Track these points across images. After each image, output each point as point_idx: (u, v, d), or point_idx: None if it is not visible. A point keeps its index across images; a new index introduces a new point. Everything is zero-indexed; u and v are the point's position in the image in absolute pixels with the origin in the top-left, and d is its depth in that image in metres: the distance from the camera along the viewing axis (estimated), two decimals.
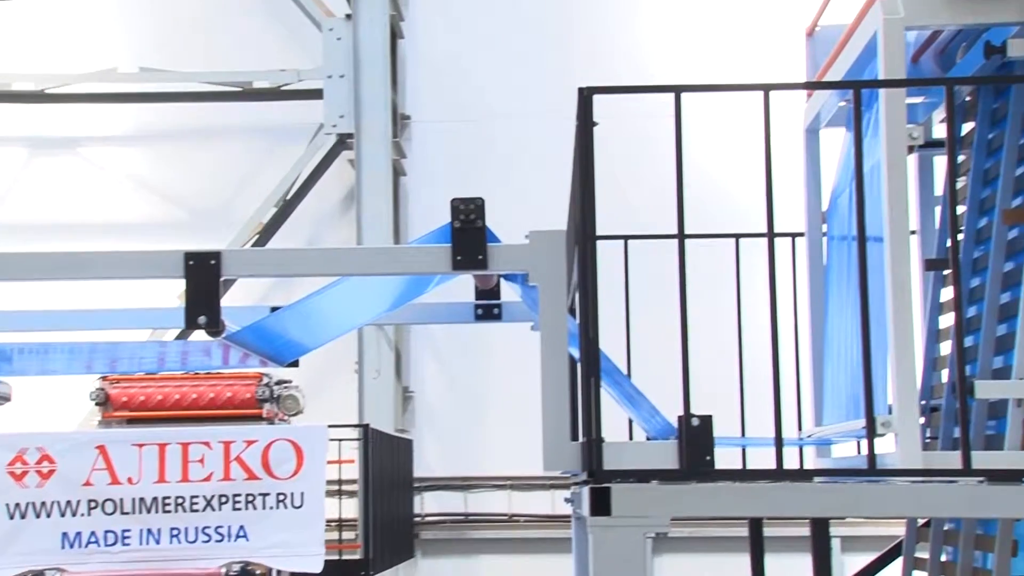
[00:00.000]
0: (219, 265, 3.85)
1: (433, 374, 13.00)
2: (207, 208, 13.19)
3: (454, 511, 12.81)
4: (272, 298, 11.32)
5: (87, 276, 4.00)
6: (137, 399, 9.01)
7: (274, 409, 8.99)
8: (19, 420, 7.71)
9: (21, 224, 13.11)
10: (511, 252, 3.92)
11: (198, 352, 4.86)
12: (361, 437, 9.04)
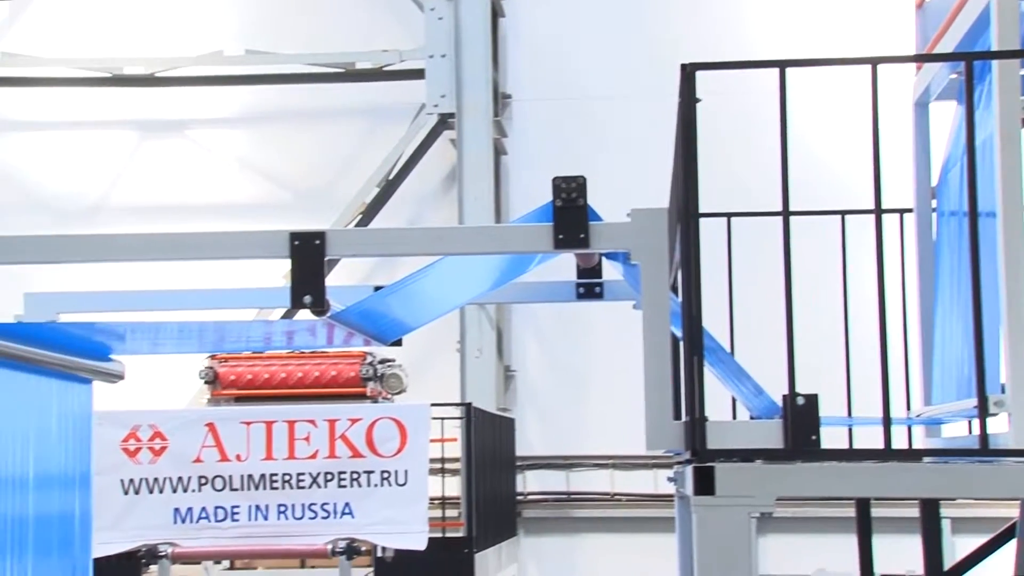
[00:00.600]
0: (324, 245, 3.88)
1: (534, 353, 13.02)
2: (311, 189, 13.34)
3: (556, 490, 12.84)
4: (375, 278, 11.42)
5: (195, 256, 4.06)
6: (245, 378, 9.16)
7: (378, 388, 9.07)
8: (132, 398, 7.85)
9: (132, 206, 13.39)
10: (613, 230, 3.90)
11: (303, 331, 4.91)
12: (464, 416, 9.09)
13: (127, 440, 8.25)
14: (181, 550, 8.17)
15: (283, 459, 8.26)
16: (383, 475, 8.25)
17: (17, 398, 4.23)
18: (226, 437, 8.29)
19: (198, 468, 8.25)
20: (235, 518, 8.22)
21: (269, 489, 8.24)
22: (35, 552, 4.39)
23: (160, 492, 8.22)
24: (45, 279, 8.48)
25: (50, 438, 4.54)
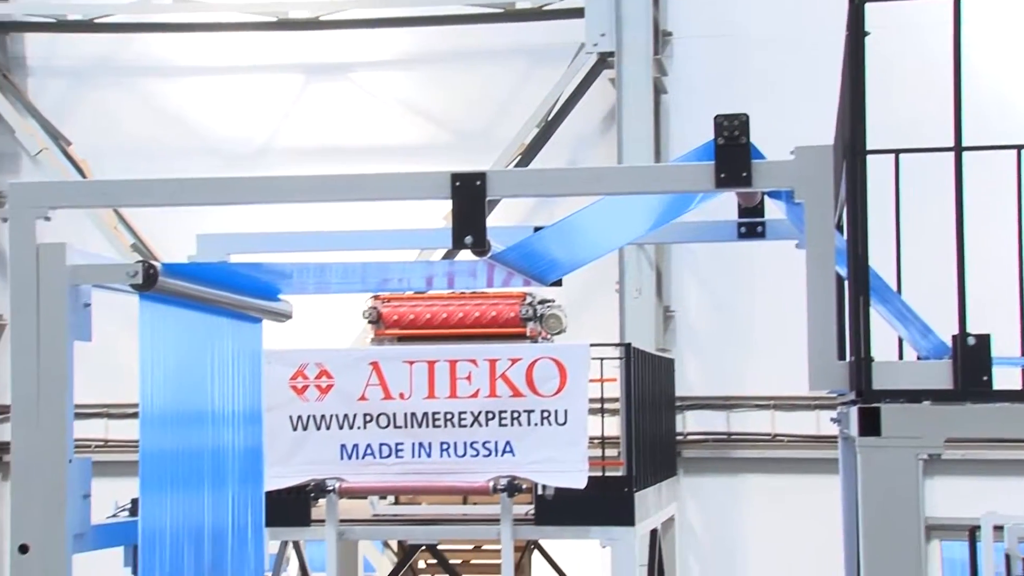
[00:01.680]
0: (485, 186, 3.91)
1: (694, 293, 12.92)
2: (471, 130, 13.41)
3: (716, 430, 12.78)
4: (534, 218, 11.46)
5: (359, 198, 4.13)
6: (407, 317, 9.30)
7: (537, 328, 9.12)
8: (299, 337, 8.05)
9: (297, 148, 13.67)
10: (776, 168, 3.83)
11: (464, 272, 4.97)
12: (623, 356, 9.08)
13: (295, 378, 8.46)
14: (348, 485, 8.37)
15: (445, 398, 8.38)
16: (543, 414, 8.31)
17: (192, 336, 4.38)
18: (390, 376, 8.44)
19: (363, 406, 8.42)
20: (399, 455, 8.38)
21: (432, 427, 8.37)
22: (212, 485, 4.56)
23: (327, 429, 8.43)
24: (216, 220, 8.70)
25: (223, 376, 4.69)
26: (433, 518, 9.00)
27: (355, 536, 9.12)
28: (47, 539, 3.86)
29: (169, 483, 4.22)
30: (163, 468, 4.18)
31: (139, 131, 13.85)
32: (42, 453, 3.87)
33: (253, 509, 4.88)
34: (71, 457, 3.89)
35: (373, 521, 9.05)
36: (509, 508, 8.31)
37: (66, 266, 3.86)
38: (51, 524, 3.87)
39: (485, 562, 10.38)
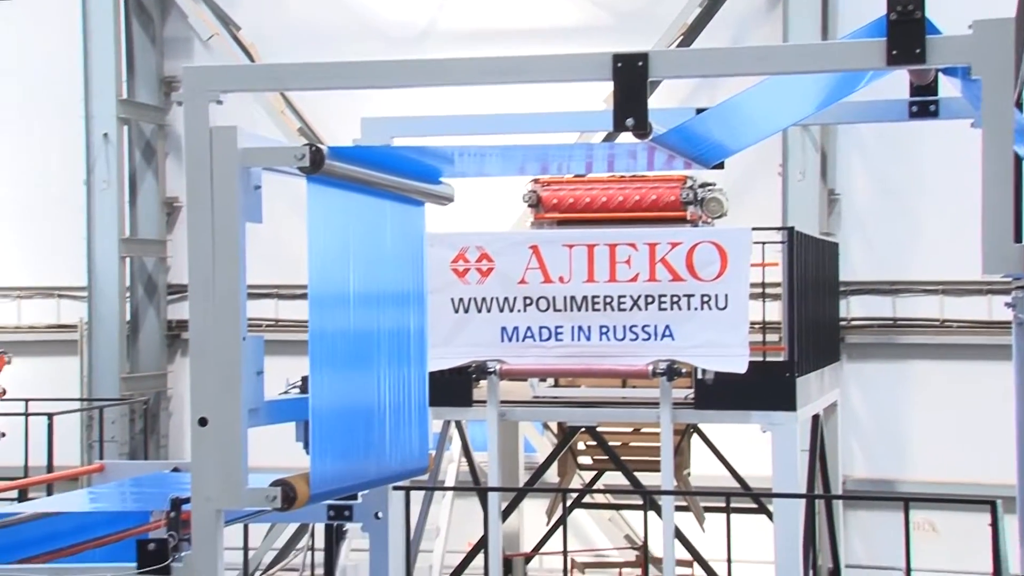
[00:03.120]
0: (647, 66, 3.85)
1: (861, 175, 12.61)
2: (632, 10, 13.20)
3: (881, 316, 12.56)
4: (696, 100, 11.28)
5: (520, 80, 4.11)
6: (566, 201, 9.30)
7: (698, 212, 9.03)
8: (460, 220, 8.13)
9: (459, 31, 13.66)
10: (952, 44, 3.68)
11: (624, 155, 4.93)
12: (785, 240, 8.94)
13: (456, 261, 8.56)
14: (508, 367, 8.49)
15: (604, 281, 8.39)
16: (703, 298, 8.27)
17: (357, 219, 4.45)
18: (549, 259, 8.48)
19: (523, 289, 8.49)
20: (559, 338, 8.45)
21: (591, 310, 8.40)
22: (378, 365, 4.67)
23: (488, 311, 8.53)
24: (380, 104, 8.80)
25: (387, 258, 4.77)
26: (592, 401, 9.09)
27: (515, 417, 9.27)
28: (224, 413, 4.02)
29: (337, 362, 4.34)
30: (331, 348, 4.29)
31: (305, 15, 14.01)
32: (218, 331, 4.01)
33: (417, 389, 4.99)
34: (244, 335, 4.02)
35: (533, 403, 9.18)
36: (668, 392, 8.33)
37: (237, 149, 3.95)
38: (227, 399, 4.02)
39: (644, 444, 10.46)
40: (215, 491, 4.01)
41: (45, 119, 14.73)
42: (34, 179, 14.93)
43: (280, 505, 4.05)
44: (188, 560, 4.03)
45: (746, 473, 10.58)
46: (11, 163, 14.99)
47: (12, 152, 15.01)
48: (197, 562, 4.01)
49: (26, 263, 15.13)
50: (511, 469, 10.52)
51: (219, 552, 4.03)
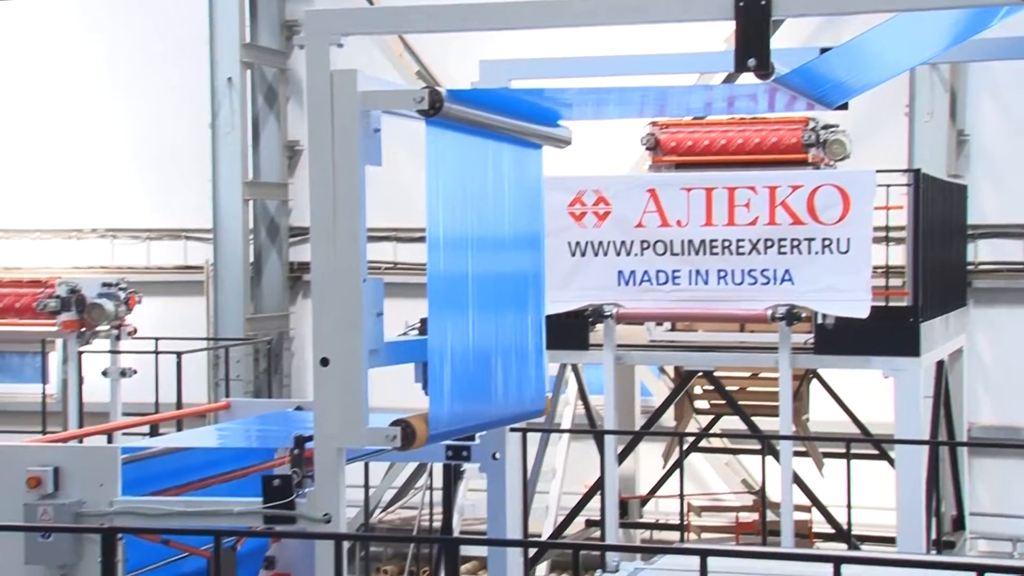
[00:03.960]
0: (770, 5, 3.78)
1: (992, 115, 12.25)
2: None
3: (1011, 259, 12.24)
4: (820, 39, 11.05)
5: (640, 20, 4.07)
6: (685, 144, 9.20)
7: (820, 154, 8.87)
8: (577, 164, 8.10)
9: None
10: None
11: (745, 96, 4.86)
12: (911, 182, 8.73)
13: (573, 204, 8.54)
14: (625, 311, 8.47)
15: (723, 225, 8.30)
16: (824, 242, 8.13)
17: (475, 162, 4.47)
18: (667, 203, 8.41)
19: (640, 232, 8.44)
20: (676, 282, 8.39)
21: (709, 254, 8.33)
22: (496, 308, 4.70)
23: (604, 255, 8.50)
24: (498, 47, 8.79)
25: (505, 201, 4.78)
26: (710, 345, 9.03)
27: (632, 361, 9.26)
28: (345, 353, 4.09)
29: (455, 305, 4.37)
30: (449, 290, 4.33)
31: None
32: (339, 273, 4.07)
33: (534, 332, 5.01)
34: (364, 277, 4.08)
35: (650, 346, 9.16)
36: (787, 336, 8.24)
37: (357, 92, 3.98)
38: (348, 339, 4.09)
39: (762, 390, 10.37)
40: (337, 430, 4.09)
41: (171, 64, 15.01)
42: (161, 123, 15.25)
43: (400, 444, 4.11)
44: (311, 496, 4.12)
45: (867, 419, 10.44)
46: (139, 108, 15.33)
47: (140, 97, 15.33)
48: (320, 498, 4.10)
49: (154, 205, 15.49)
50: (627, 412, 10.52)
51: (341, 489, 4.12)
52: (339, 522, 4.09)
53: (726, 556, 3.85)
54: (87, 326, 9.21)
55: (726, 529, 10.47)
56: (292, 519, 4.12)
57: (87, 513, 4.20)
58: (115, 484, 4.24)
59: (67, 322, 9.07)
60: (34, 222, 15.96)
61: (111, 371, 9.83)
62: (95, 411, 9.65)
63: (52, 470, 4.22)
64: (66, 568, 4.15)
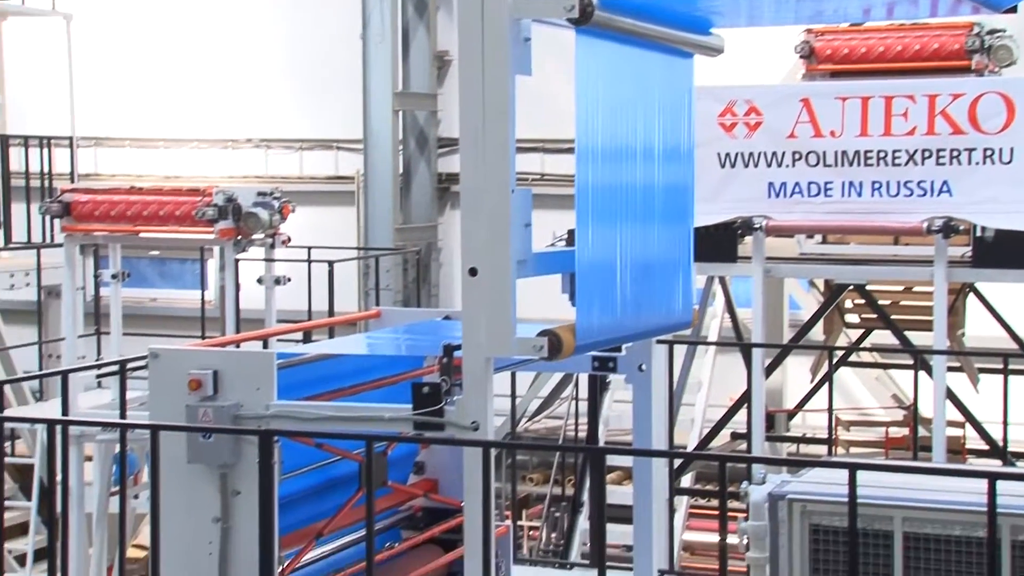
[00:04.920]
0: None
1: None
2: None
3: None
4: None
5: None
6: (841, 51, 8.96)
7: (984, 60, 8.56)
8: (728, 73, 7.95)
9: None
10: None
11: (905, 1, 4.70)
12: None
13: (723, 115, 8.41)
14: (774, 223, 8.35)
15: (879, 135, 8.10)
16: (986, 152, 7.88)
17: (625, 72, 4.42)
18: (821, 112, 8.23)
19: (792, 143, 8.29)
20: (828, 194, 8.24)
21: (863, 166, 8.14)
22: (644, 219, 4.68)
23: (755, 166, 8.37)
24: None
25: (655, 111, 4.73)
26: (862, 258, 8.86)
27: (781, 274, 9.14)
28: (493, 263, 4.12)
29: (603, 216, 4.36)
30: (598, 201, 4.31)
31: None
32: (487, 183, 4.08)
33: (682, 244, 4.98)
34: (513, 187, 4.09)
35: (800, 259, 9.02)
36: (944, 249, 8.04)
37: (508, 0, 3.96)
38: (497, 250, 4.11)
39: (915, 304, 10.16)
40: (485, 339, 4.14)
41: None
42: (313, 34, 15.42)
43: (547, 355, 4.14)
44: (460, 404, 4.19)
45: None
46: (292, 19, 15.52)
47: (293, 8, 15.51)
48: (468, 406, 4.16)
49: (306, 116, 15.73)
50: (775, 326, 10.42)
51: (489, 398, 4.17)
52: (487, 430, 4.15)
53: (876, 470, 3.81)
54: (243, 234, 9.42)
55: (875, 444, 10.35)
56: (441, 426, 4.20)
57: (245, 415, 4.33)
58: (271, 388, 4.36)
59: (224, 230, 9.29)
60: (192, 132, 16.37)
61: (266, 279, 10.07)
62: (251, 318, 9.92)
63: (212, 373, 4.36)
64: (226, 467, 4.31)
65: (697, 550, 11.69)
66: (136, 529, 11.55)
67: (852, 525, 3.56)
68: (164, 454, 4.26)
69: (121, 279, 9.96)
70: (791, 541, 3.69)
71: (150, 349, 4.48)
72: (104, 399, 9.65)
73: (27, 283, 12.35)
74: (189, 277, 16.39)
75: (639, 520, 5.38)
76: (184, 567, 4.33)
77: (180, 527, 4.35)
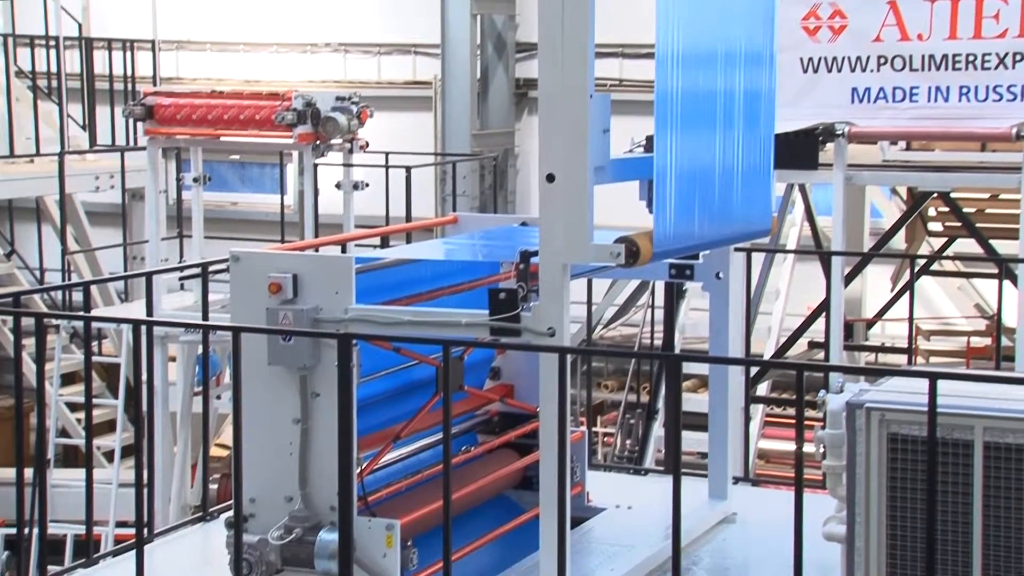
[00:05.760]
0: None
1: None
2: None
3: None
4: None
5: None
6: None
7: None
8: None
9: None
10: None
11: None
12: None
13: (807, 18, 8.26)
14: (858, 129, 8.22)
15: (968, 38, 7.91)
16: None
17: None
18: (908, 15, 8.04)
19: (877, 47, 8.12)
20: (913, 99, 8.08)
21: (951, 70, 7.97)
22: (724, 125, 4.62)
23: (838, 71, 8.23)
24: None
25: (736, 16, 4.65)
26: (947, 165, 8.71)
27: (863, 181, 9.01)
28: (571, 170, 4.10)
29: (682, 121, 4.31)
30: (677, 107, 4.26)
31: None
32: (566, 88, 4.05)
33: (762, 151, 4.92)
34: (592, 93, 4.05)
35: (882, 166, 8.89)
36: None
37: None
38: (574, 156, 4.09)
39: (1002, 212, 9.98)
40: (562, 246, 4.13)
41: None
42: None
43: (623, 261, 4.13)
44: (536, 310, 4.21)
45: None
46: None
47: None
48: (544, 312, 4.18)
49: (384, 20, 15.67)
50: (855, 234, 10.29)
51: (565, 304, 4.18)
52: (563, 336, 4.16)
53: (957, 379, 3.76)
54: (321, 139, 9.46)
55: (956, 354, 10.26)
56: (517, 332, 4.22)
57: (324, 319, 4.38)
58: (349, 292, 4.40)
59: (303, 134, 9.33)
60: (272, 36, 16.39)
61: (344, 184, 10.12)
62: (329, 223, 10.01)
63: (291, 277, 4.40)
64: (305, 370, 4.37)
65: (772, 458, 11.72)
66: (218, 429, 11.81)
67: (932, 434, 3.54)
68: (245, 356, 4.33)
69: (202, 183, 10.07)
70: (868, 450, 3.67)
71: (231, 252, 4.54)
72: (187, 301, 9.82)
73: (112, 185, 12.54)
74: (269, 182, 16.53)
75: (714, 428, 5.39)
76: (265, 466, 4.42)
77: (261, 427, 4.43)
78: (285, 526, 4.37)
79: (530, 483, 5.27)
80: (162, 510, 9.24)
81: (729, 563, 5.01)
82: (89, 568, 4.95)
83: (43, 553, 4.57)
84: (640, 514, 5.43)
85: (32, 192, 13.09)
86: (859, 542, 3.71)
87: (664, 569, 4.71)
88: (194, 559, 5.06)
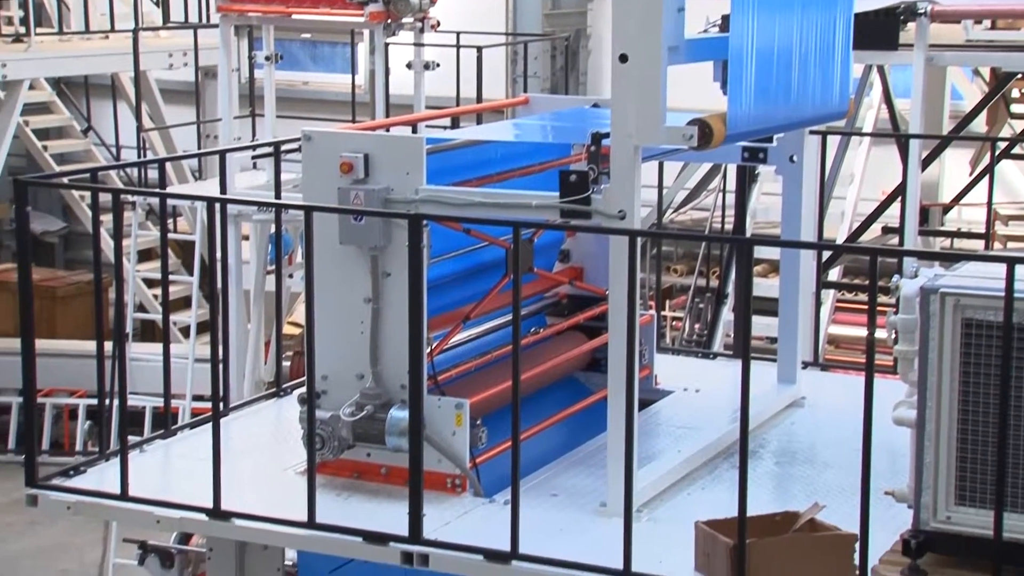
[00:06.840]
0: None
1: None
2: None
3: None
4: None
5: None
6: None
7: None
8: None
9: None
10: None
11: None
12: None
13: None
14: (940, 8, 8.02)
15: None
16: None
17: None
18: None
19: None
20: None
21: None
22: (802, 4, 4.52)
23: None
24: None
25: None
26: None
27: (944, 62, 8.78)
28: (644, 50, 4.04)
29: (760, 1, 4.23)
30: None
31: None
32: None
33: (841, 31, 4.82)
34: None
35: (965, 46, 8.65)
36: None
37: None
38: (648, 36, 4.03)
39: None
40: (634, 127, 4.09)
41: None
42: None
43: (696, 144, 4.09)
44: (607, 192, 4.18)
45: None
46: None
47: None
48: (615, 195, 4.16)
49: None
50: (935, 117, 10.07)
51: (636, 186, 4.15)
52: (634, 219, 4.14)
53: None
54: (392, 18, 9.38)
55: None
56: (587, 214, 4.20)
57: (394, 199, 4.39)
58: (420, 173, 4.40)
59: (374, 13, 9.26)
60: None
61: (415, 64, 10.06)
62: (399, 103, 9.96)
63: (363, 157, 4.40)
64: (376, 250, 4.40)
65: (842, 344, 11.66)
66: (291, 307, 11.96)
67: (1007, 319, 3.50)
68: (317, 235, 4.36)
69: (274, 61, 10.06)
70: (942, 335, 3.63)
71: (303, 131, 4.54)
72: (259, 180, 9.88)
73: (185, 63, 12.56)
74: (340, 61, 16.46)
75: (784, 312, 5.37)
76: (337, 344, 4.48)
77: (333, 306, 4.48)
78: (356, 403, 4.44)
79: (598, 365, 5.30)
80: (237, 385, 9.42)
81: (796, 446, 5.02)
82: (167, 439, 5.08)
83: (123, 424, 4.68)
84: (708, 397, 5.44)
85: (107, 68, 13.16)
86: (930, 426, 3.69)
87: (731, 452, 4.74)
88: (268, 433, 5.16)
